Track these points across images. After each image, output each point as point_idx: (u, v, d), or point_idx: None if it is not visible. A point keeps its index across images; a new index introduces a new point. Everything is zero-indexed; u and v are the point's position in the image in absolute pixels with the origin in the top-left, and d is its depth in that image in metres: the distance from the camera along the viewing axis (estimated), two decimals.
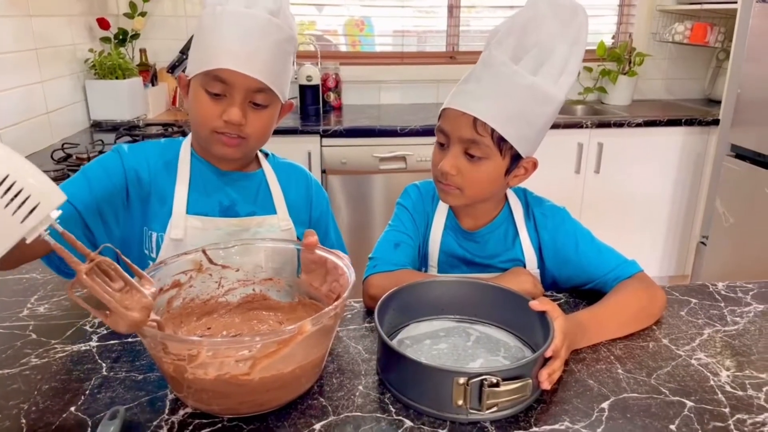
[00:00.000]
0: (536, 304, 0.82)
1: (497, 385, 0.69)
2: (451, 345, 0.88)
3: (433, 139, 1.03)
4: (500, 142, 0.95)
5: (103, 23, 2.58)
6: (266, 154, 1.17)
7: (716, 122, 2.78)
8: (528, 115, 0.94)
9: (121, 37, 2.71)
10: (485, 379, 0.69)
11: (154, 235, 1.03)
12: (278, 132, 2.78)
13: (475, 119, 0.93)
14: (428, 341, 0.90)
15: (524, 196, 1.11)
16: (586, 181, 2.82)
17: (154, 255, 1.03)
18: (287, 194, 1.12)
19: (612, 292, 0.97)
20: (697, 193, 2.94)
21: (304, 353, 0.72)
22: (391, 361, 0.78)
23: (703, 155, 2.88)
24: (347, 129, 2.61)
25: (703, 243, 2.84)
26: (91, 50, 2.51)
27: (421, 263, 1.11)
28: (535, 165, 1.02)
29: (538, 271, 1.07)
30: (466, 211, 1.07)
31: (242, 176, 1.10)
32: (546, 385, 0.75)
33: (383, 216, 2.73)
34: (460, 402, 0.71)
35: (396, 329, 0.91)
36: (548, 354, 0.76)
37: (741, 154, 2.53)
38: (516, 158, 0.98)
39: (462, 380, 0.70)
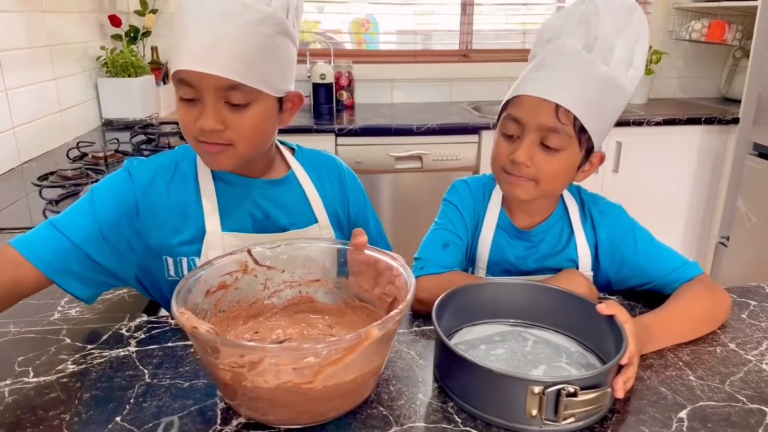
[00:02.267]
0: (604, 308, 0.77)
1: (575, 394, 0.65)
2: (509, 350, 0.84)
3: (450, 138, 0.99)
4: (580, 132, 0.91)
5: (115, 20, 2.53)
6: (293, 149, 1.09)
7: (735, 121, 2.75)
8: (604, 106, 0.91)
9: (132, 34, 2.67)
10: (563, 388, 0.65)
11: (184, 260, 0.95)
12: (292, 131, 2.73)
13: (557, 106, 0.88)
14: (483, 346, 0.85)
15: (578, 193, 1.06)
16: (605, 180, 2.78)
17: None
18: (322, 195, 1.05)
19: (675, 296, 0.93)
20: (716, 193, 2.90)
21: (366, 360, 0.67)
22: (454, 368, 0.73)
23: (722, 154, 2.84)
24: (363, 128, 2.57)
25: (722, 243, 2.81)
26: (102, 48, 2.47)
27: (468, 264, 1.06)
28: (602, 159, 0.98)
29: (591, 273, 1.02)
30: (523, 208, 1.03)
31: (270, 184, 1.01)
32: (621, 394, 0.71)
33: (398, 215, 2.70)
34: (534, 412, 0.66)
35: (449, 334, 0.87)
36: (624, 361, 0.71)
37: (764, 152, 2.49)
38: (588, 152, 0.94)
39: (537, 389, 0.65)
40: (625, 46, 0.89)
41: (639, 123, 2.71)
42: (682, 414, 0.72)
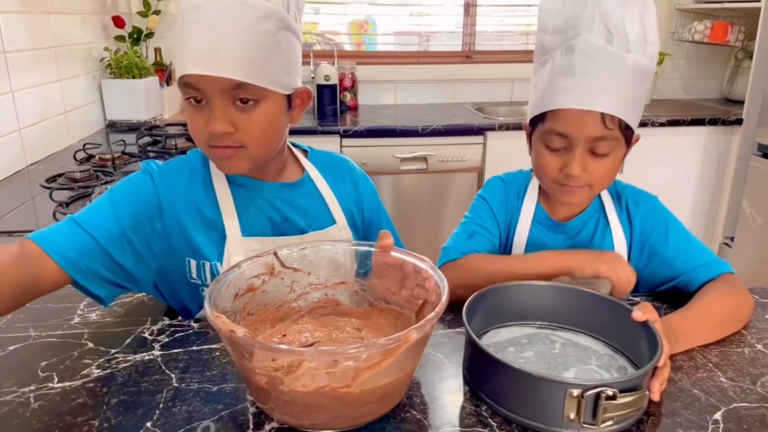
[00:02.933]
0: (640, 315, 0.76)
1: (614, 397, 0.65)
2: (538, 353, 0.84)
3: (455, 140, 0.99)
4: (626, 130, 0.91)
5: (118, 21, 2.52)
6: (305, 151, 1.08)
7: (739, 122, 2.75)
8: (638, 94, 0.91)
9: (135, 36, 2.65)
10: (602, 392, 0.64)
11: (207, 264, 0.95)
12: (296, 132, 2.72)
13: (602, 114, 0.88)
14: (512, 349, 0.85)
15: (613, 184, 1.07)
16: None
17: (209, 283, 0.94)
18: (338, 196, 1.05)
19: (700, 295, 0.92)
20: (720, 194, 2.90)
21: (402, 363, 0.67)
22: (488, 371, 0.73)
23: (726, 155, 2.85)
24: (368, 129, 2.56)
25: (726, 244, 2.81)
26: (106, 49, 2.45)
27: None
28: (637, 139, 0.97)
29: None
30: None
31: (286, 187, 1.01)
32: (657, 396, 0.71)
33: (404, 216, 2.69)
34: (572, 415, 0.66)
35: (477, 336, 0.86)
36: (661, 363, 0.71)
37: None
38: (630, 140, 0.94)
39: (576, 392, 0.65)
40: (634, 19, 0.86)
41: (643, 124, 2.71)
42: (717, 416, 0.71)
